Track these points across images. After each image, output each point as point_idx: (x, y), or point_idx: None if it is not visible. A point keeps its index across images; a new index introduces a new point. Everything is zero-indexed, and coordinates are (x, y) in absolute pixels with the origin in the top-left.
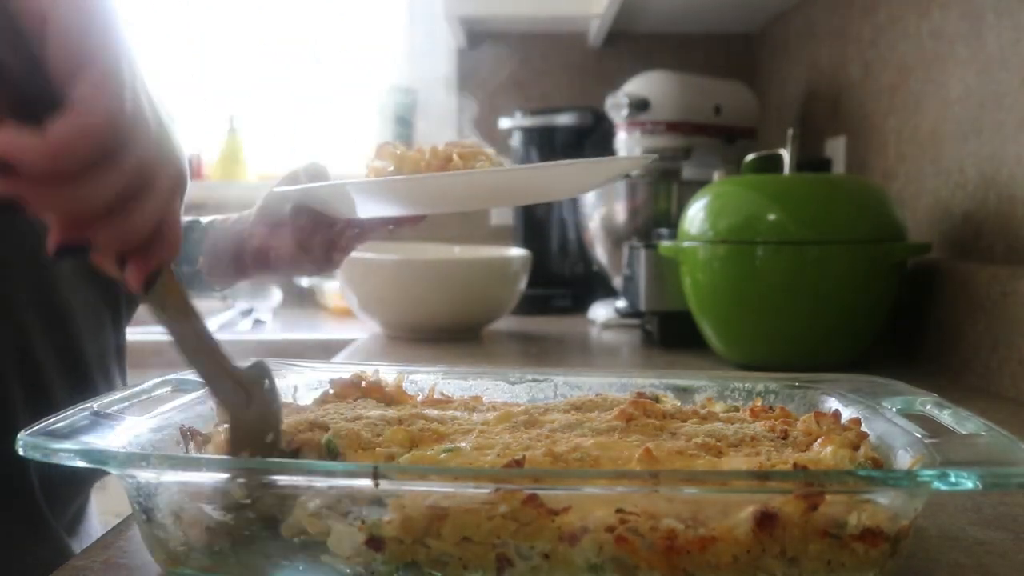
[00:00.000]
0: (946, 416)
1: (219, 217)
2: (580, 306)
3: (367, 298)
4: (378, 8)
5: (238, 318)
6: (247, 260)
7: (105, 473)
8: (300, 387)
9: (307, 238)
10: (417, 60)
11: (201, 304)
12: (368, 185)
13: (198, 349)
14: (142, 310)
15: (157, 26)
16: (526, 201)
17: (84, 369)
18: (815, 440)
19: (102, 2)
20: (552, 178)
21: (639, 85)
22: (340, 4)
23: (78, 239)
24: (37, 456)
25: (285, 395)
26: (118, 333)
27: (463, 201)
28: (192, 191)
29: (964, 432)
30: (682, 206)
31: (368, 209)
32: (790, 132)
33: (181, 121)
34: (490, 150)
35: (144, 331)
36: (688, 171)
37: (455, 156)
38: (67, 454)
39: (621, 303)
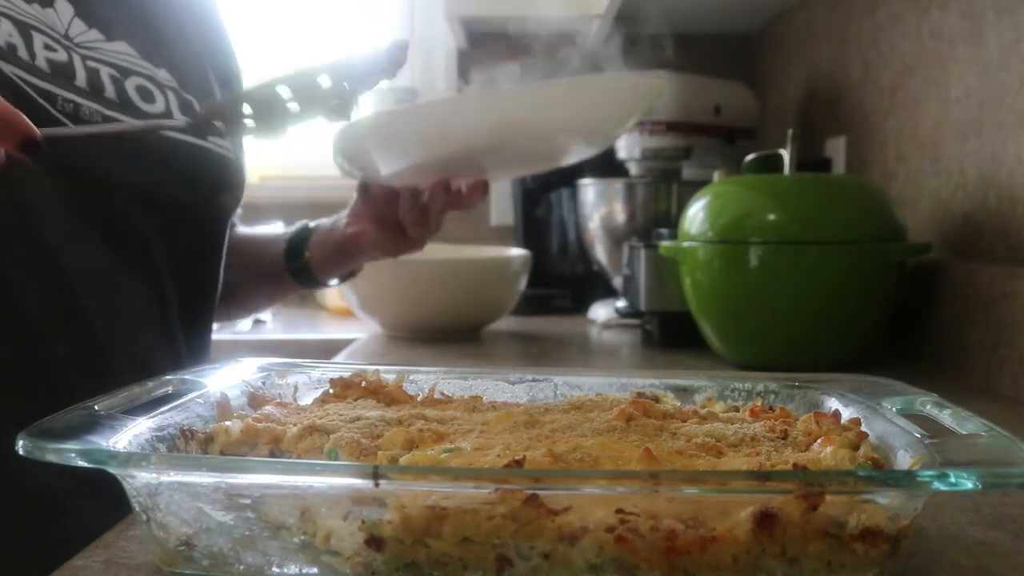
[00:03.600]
0: (946, 416)
1: (325, 219)
2: (580, 306)
3: (367, 298)
4: (378, 8)
5: None
6: (345, 249)
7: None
8: (300, 387)
9: (383, 215)
10: (417, 60)
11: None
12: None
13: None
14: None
15: None
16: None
17: (95, 342)
18: (815, 440)
19: None
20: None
21: None
22: (340, 3)
23: None
24: (38, 455)
25: (285, 395)
26: (163, 304)
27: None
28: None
29: (964, 432)
30: (682, 206)
31: (392, 151)
32: (790, 132)
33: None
34: None
35: None
36: (688, 171)
37: None
38: (67, 454)
39: (621, 303)
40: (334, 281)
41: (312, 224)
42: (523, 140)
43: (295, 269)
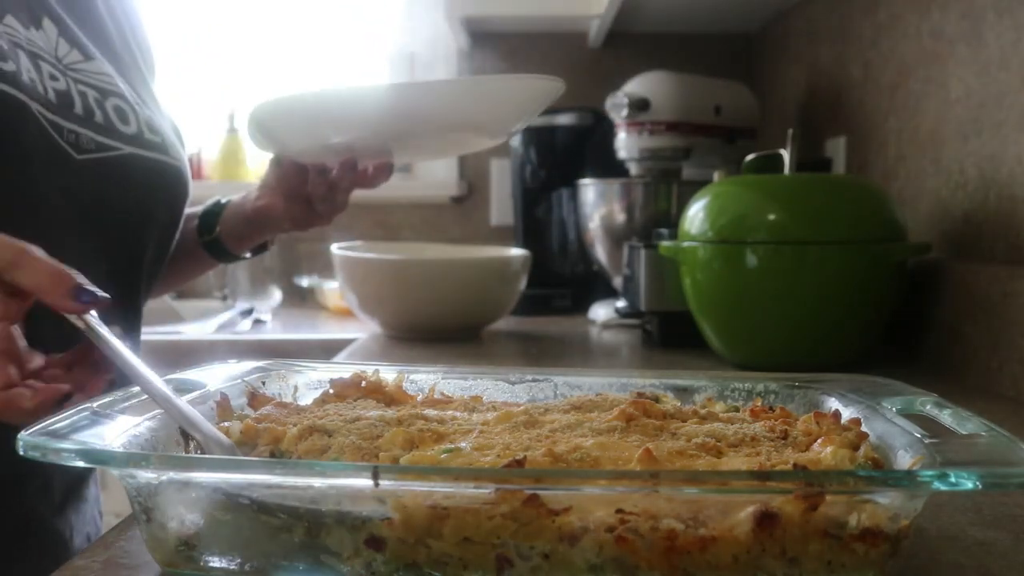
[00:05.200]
0: (946, 416)
1: (238, 194)
2: (580, 306)
3: (367, 298)
4: (378, 8)
5: (238, 318)
6: (255, 221)
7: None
8: (300, 387)
9: (293, 189)
10: (417, 60)
11: (205, 304)
12: (323, 93)
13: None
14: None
15: (157, 25)
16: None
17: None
18: (815, 440)
19: None
20: (480, 95)
21: (639, 85)
22: (341, 3)
23: None
24: (37, 456)
25: (285, 395)
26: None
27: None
28: (193, 191)
29: (964, 432)
30: (682, 206)
31: (323, 125)
32: (790, 132)
33: (182, 121)
34: None
35: (144, 331)
36: (688, 171)
37: None
38: (67, 454)
39: (621, 303)
40: (247, 254)
41: (224, 199)
42: (428, 130)
43: (207, 242)
